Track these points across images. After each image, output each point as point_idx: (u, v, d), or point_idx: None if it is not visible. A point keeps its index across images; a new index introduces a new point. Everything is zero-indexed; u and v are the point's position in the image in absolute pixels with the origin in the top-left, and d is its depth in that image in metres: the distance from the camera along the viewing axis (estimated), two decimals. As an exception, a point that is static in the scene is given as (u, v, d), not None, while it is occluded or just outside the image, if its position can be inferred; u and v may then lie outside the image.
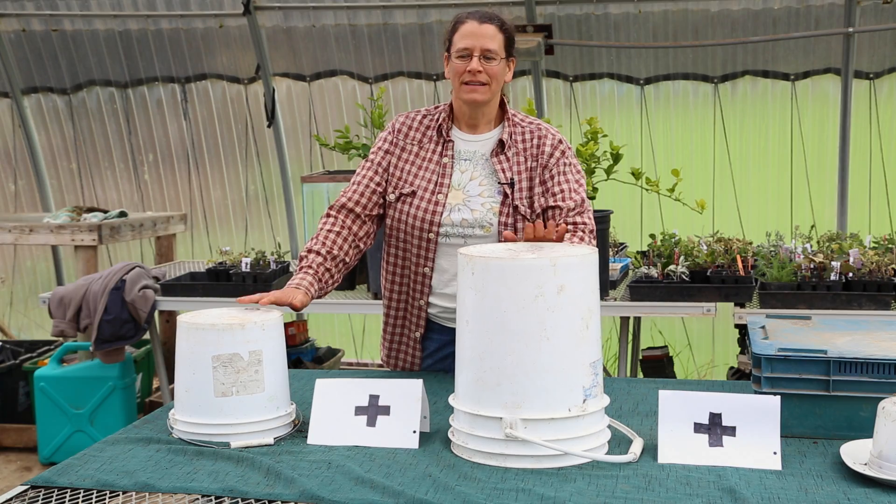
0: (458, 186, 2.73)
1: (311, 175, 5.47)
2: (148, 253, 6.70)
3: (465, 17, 2.69)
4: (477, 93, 2.67)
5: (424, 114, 2.82)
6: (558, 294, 2.05)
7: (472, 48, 2.64)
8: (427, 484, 1.97)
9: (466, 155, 2.76)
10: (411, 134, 2.80)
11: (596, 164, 4.11)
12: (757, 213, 5.90)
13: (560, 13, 5.77)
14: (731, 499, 1.86)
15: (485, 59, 2.65)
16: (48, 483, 2.08)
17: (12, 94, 6.71)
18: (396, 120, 2.83)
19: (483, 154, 2.75)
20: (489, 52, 2.65)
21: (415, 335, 2.85)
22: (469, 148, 2.76)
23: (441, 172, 2.74)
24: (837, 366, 2.15)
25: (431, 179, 2.74)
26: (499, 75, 2.68)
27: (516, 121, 2.77)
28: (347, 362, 6.51)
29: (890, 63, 5.60)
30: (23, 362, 5.54)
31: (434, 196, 2.72)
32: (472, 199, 2.72)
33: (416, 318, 2.83)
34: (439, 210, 2.71)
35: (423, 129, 2.79)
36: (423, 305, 2.80)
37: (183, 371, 2.31)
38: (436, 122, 2.79)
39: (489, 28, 2.66)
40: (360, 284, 4.74)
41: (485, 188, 2.72)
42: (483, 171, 2.74)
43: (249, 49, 6.28)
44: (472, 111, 2.74)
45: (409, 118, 2.82)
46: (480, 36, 2.65)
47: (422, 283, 2.78)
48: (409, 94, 6.20)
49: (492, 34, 2.66)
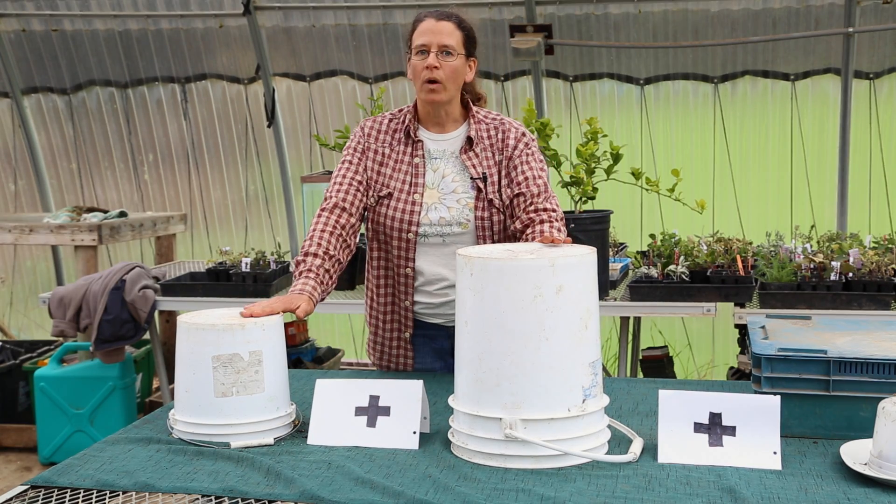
0: (432, 185, 2.75)
1: (311, 175, 5.47)
2: (148, 253, 6.70)
3: (424, 16, 2.72)
4: (435, 93, 2.69)
5: (390, 117, 2.84)
6: (557, 294, 2.05)
7: (429, 44, 2.66)
8: (427, 484, 1.97)
9: (436, 154, 2.78)
10: (381, 137, 2.81)
11: (596, 164, 4.10)
12: (757, 213, 5.90)
13: (560, 13, 5.77)
14: (731, 498, 1.86)
15: (442, 54, 2.66)
16: (48, 483, 2.08)
17: (12, 94, 6.71)
18: (364, 125, 2.84)
19: (452, 152, 2.78)
20: (446, 48, 2.66)
21: (404, 335, 2.87)
22: (438, 147, 2.79)
23: (414, 172, 2.76)
24: (837, 366, 2.15)
25: (406, 180, 2.75)
26: (457, 72, 2.69)
27: (480, 117, 2.80)
28: (347, 362, 6.51)
29: (890, 63, 5.60)
30: (23, 362, 5.54)
31: (410, 196, 2.74)
32: (447, 197, 2.74)
33: (404, 319, 2.85)
34: (417, 210, 2.73)
35: (391, 131, 2.81)
36: (408, 306, 2.82)
37: (183, 371, 2.31)
38: (402, 125, 2.80)
39: (446, 25, 2.69)
40: (359, 284, 4.74)
41: (458, 184, 2.75)
42: (454, 169, 2.77)
43: (249, 49, 6.28)
44: (436, 111, 2.76)
45: (376, 122, 2.83)
46: (437, 32, 2.67)
47: (405, 284, 2.79)
48: (408, 94, 6.20)
49: (449, 31, 2.68)
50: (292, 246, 6.51)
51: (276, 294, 4.61)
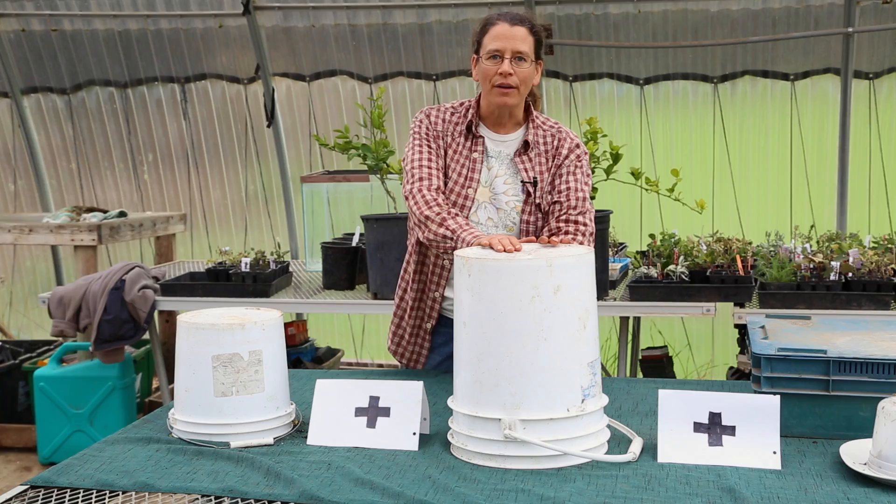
0: (485, 183, 2.76)
1: (310, 175, 5.47)
2: (148, 253, 6.70)
3: (496, 19, 2.69)
4: (508, 97, 2.68)
5: (451, 110, 2.81)
6: (555, 294, 2.05)
7: (504, 50, 2.65)
8: (427, 485, 1.97)
9: (493, 153, 2.79)
10: (442, 126, 2.79)
11: (595, 164, 4.10)
12: (756, 212, 5.90)
13: (560, 13, 5.77)
14: (731, 498, 1.86)
15: (516, 60, 2.65)
16: (48, 483, 2.08)
17: (12, 94, 6.71)
18: (428, 112, 2.81)
19: (507, 154, 2.78)
20: (520, 54, 2.66)
21: (426, 325, 2.89)
22: (495, 147, 2.79)
23: (471, 167, 2.76)
24: (837, 366, 2.16)
25: (462, 173, 2.75)
26: (528, 78, 2.70)
27: (539, 122, 2.80)
28: (347, 362, 6.51)
29: (889, 63, 5.60)
30: (22, 362, 5.53)
31: (464, 190, 2.74)
32: (497, 197, 2.75)
33: (430, 310, 2.87)
34: (468, 205, 2.74)
35: (453, 123, 2.80)
36: (437, 297, 2.84)
37: (183, 371, 2.31)
38: (464, 119, 2.79)
39: (520, 30, 2.67)
40: (359, 284, 4.74)
41: (509, 186, 2.75)
42: (508, 171, 2.77)
43: (249, 49, 6.28)
44: (501, 112, 2.76)
45: (439, 111, 2.81)
46: (512, 38, 2.65)
47: (439, 276, 2.82)
48: (408, 94, 6.20)
49: (523, 36, 2.67)
50: (292, 246, 6.51)
51: (275, 294, 4.61)
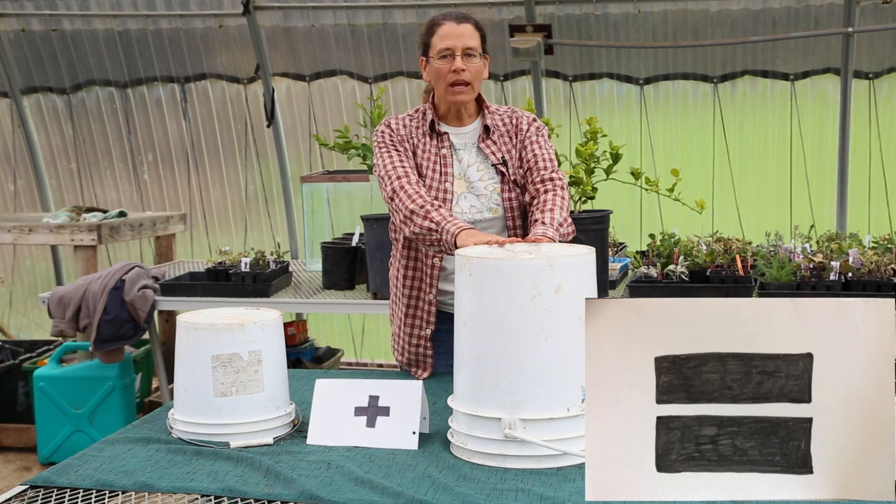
0: (460, 175, 2.84)
1: (310, 175, 5.47)
2: (147, 253, 6.70)
3: (442, 20, 2.81)
4: (463, 94, 2.80)
5: (408, 117, 2.90)
6: (556, 294, 2.05)
7: (454, 48, 2.76)
8: (427, 485, 1.97)
9: (459, 146, 2.87)
10: (404, 131, 2.87)
11: (595, 164, 4.11)
12: (756, 212, 5.90)
13: (560, 13, 5.77)
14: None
15: (466, 57, 2.77)
16: (47, 483, 2.08)
17: (12, 94, 6.71)
18: (388, 123, 2.87)
19: (472, 143, 2.88)
20: (470, 50, 2.78)
21: (424, 333, 2.89)
22: (460, 140, 2.88)
23: (443, 163, 2.84)
24: (836, 366, 2.15)
25: (436, 170, 2.83)
26: (479, 72, 2.82)
27: (493, 109, 2.92)
28: (347, 362, 6.51)
29: (889, 63, 5.60)
30: (22, 362, 5.53)
31: (442, 185, 2.81)
32: (474, 185, 2.83)
33: (426, 315, 2.88)
34: (449, 198, 2.80)
35: (413, 127, 2.88)
36: (431, 300, 2.86)
37: (182, 371, 2.31)
38: (423, 121, 2.87)
39: (467, 27, 2.79)
40: (359, 284, 4.74)
41: (483, 172, 2.85)
42: (477, 158, 2.86)
43: (249, 49, 6.28)
44: (458, 108, 2.86)
45: (398, 120, 2.89)
46: (460, 35, 2.77)
47: (430, 276, 2.84)
48: (408, 94, 6.21)
49: (470, 33, 2.79)
50: (292, 246, 6.51)
51: (275, 294, 4.61)
